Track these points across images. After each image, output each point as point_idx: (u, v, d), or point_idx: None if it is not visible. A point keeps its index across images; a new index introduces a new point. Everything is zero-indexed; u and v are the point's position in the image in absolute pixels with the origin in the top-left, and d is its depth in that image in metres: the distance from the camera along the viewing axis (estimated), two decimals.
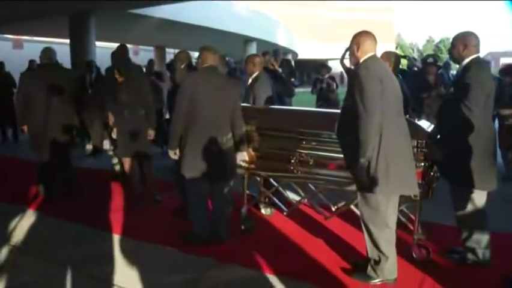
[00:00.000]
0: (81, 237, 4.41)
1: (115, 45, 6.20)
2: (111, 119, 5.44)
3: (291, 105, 7.73)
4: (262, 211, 4.91)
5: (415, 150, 3.50)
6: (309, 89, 9.71)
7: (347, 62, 8.57)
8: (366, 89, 3.04)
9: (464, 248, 3.70)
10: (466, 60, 3.56)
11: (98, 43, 14.02)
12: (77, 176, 5.83)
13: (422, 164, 3.57)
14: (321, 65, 9.55)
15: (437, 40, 77.84)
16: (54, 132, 5.40)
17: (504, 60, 46.83)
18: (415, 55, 57.23)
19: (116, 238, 4.37)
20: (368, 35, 3.28)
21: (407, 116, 3.59)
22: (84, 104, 6.40)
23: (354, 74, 3.22)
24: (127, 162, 5.40)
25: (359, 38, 3.27)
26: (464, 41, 3.58)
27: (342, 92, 9.36)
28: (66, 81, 5.56)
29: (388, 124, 3.09)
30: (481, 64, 3.55)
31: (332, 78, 9.09)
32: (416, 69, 7.95)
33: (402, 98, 3.33)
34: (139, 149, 5.29)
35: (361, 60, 3.24)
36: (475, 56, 3.55)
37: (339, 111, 3.57)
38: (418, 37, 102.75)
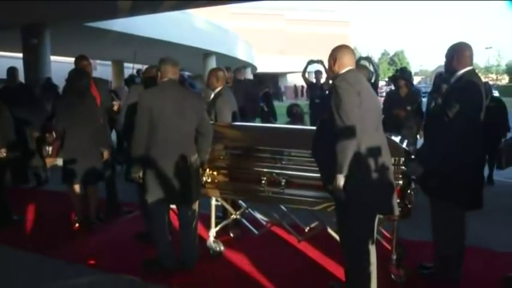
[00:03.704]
0: (35, 266, 4.08)
1: (71, 59, 5.82)
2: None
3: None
4: (231, 234, 4.66)
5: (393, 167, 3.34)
6: None
7: (307, 75, 8.61)
8: (343, 101, 2.90)
9: (437, 263, 3.63)
10: (458, 74, 3.47)
11: (53, 57, 13.46)
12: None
13: (400, 181, 3.43)
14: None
15: (391, 53, 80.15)
16: None
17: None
18: (371, 68, 58.21)
19: (72, 267, 4.03)
20: (346, 49, 3.16)
21: None
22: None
23: (332, 87, 3.08)
24: (74, 189, 5.01)
25: (337, 52, 3.14)
26: (454, 53, 3.48)
27: (304, 104, 9.33)
28: None
29: (366, 139, 2.94)
30: (471, 78, 3.44)
31: (267, 94, 9.28)
32: (373, 81, 7.95)
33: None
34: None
35: (339, 74, 3.09)
36: (467, 69, 3.46)
37: (312, 128, 3.40)
38: (373, 50, 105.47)
